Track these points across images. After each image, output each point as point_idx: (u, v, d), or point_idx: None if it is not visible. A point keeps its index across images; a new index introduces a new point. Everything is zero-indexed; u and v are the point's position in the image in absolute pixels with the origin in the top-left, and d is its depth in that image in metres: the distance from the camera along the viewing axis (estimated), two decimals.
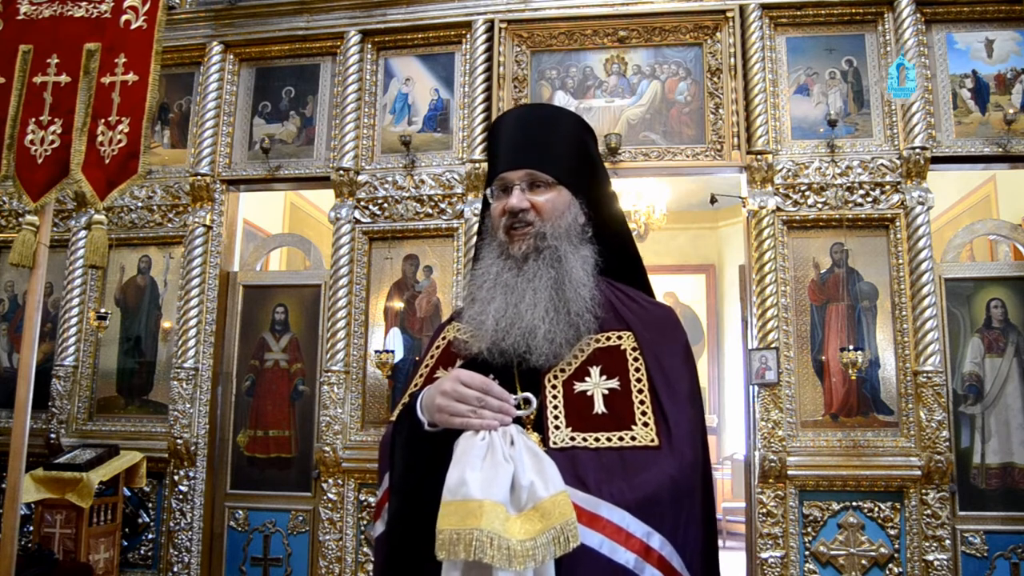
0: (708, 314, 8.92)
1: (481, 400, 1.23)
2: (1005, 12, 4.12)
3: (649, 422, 1.31)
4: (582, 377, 1.38)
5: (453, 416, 1.23)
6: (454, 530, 1.08)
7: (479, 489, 1.10)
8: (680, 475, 1.26)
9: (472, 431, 1.21)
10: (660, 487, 1.24)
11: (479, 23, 4.45)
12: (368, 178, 4.49)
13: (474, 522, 1.08)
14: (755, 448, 3.94)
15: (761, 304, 4.02)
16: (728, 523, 7.65)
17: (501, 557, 1.06)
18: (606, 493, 1.20)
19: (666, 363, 1.39)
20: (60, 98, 3.01)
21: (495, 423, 1.22)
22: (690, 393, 1.38)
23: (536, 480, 1.13)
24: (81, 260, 4.64)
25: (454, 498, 1.11)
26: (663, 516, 1.23)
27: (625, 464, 1.26)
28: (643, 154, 4.31)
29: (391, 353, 4.20)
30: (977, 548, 3.76)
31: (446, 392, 1.25)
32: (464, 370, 1.29)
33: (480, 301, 1.43)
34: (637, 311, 1.46)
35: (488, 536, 1.07)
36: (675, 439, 1.29)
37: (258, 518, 4.44)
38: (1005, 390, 3.89)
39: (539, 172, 1.43)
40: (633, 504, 1.20)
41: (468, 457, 1.16)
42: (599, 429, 1.31)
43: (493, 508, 1.09)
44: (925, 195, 3.97)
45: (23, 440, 2.82)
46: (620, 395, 1.35)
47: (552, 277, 1.39)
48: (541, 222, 1.42)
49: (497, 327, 1.37)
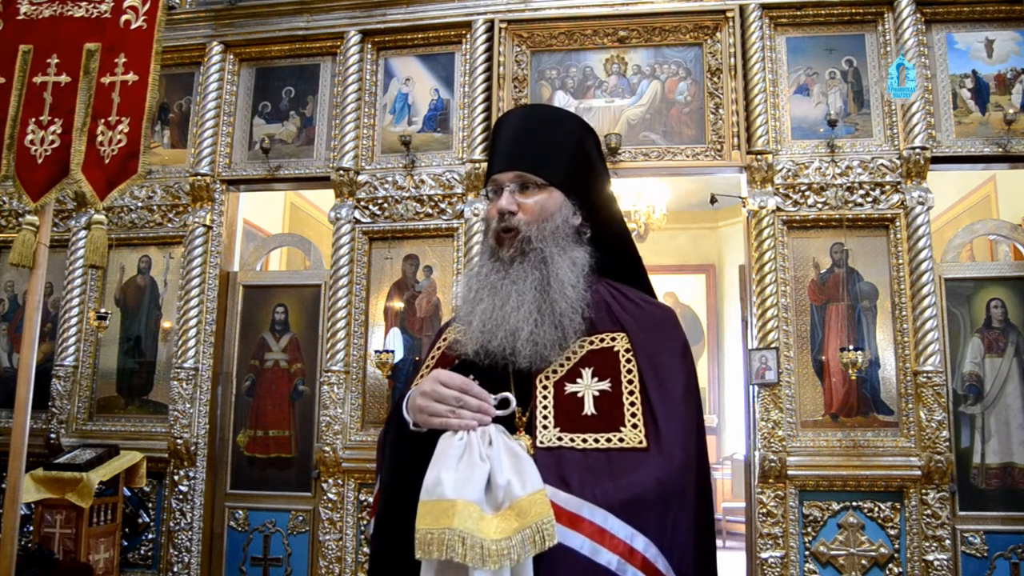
0: (708, 314, 8.92)
1: (460, 400, 1.23)
2: (1005, 12, 4.12)
3: (639, 424, 1.31)
4: (574, 379, 1.37)
5: (432, 416, 1.23)
6: (428, 529, 1.09)
7: (452, 489, 1.11)
8: (668, 477, 1.25)
9: (451, 431, 1.21)
10: (646, 489, 1.23)
11: (479, 23, 4.46)
12: (368, 178, 4.49)
13: (447, 521, 1.08)
14: (755, 448, 3.94)
15: (761, 304, 4.02)
16: (728, 523, 7.65)
17: (474, 556, 1.07)
18: (588, 494, 1.20)
19: (660, 364, 1.38)
20: (60, 98, 3.01)
21: (473, 423, 1.22)
22: (685, 393, 1.37)
23: (513, 479, 1.13)
24: (81, 260, 4.63)
25: (430, 498, 1.12)
26: (648, 518, 1.22)
27: (612, 465, 1.25)
28: (643, 154, 4.31)
29: (391, 353, 4.20)
30: (977, 548, 3.76)
31: (425, 392, 1.25)
32: (444, 370, 1.29)
33: (468, 302, 1.44)
34: (633, 311, 1.46)
35: (459, 535, 1.07)
36: (664, 441, 1.28)
37: (258, 518, 4.44)
38: (1005, 390, 3.90)
39: (529, 174, 1.43)
40: (617, 505, 1.20)
41: (445, 457, 1.16)
42: (587, 430, 1.30)
43: (466, 507, 1.09)
44: (925, 195, 3.97)
45: (23, 440, 2.82)
46: (611, 396, 1.34)
47: (537, 279, 1.39)
48: (527, 225, 1.41)
49: (484, 329, 1.38)
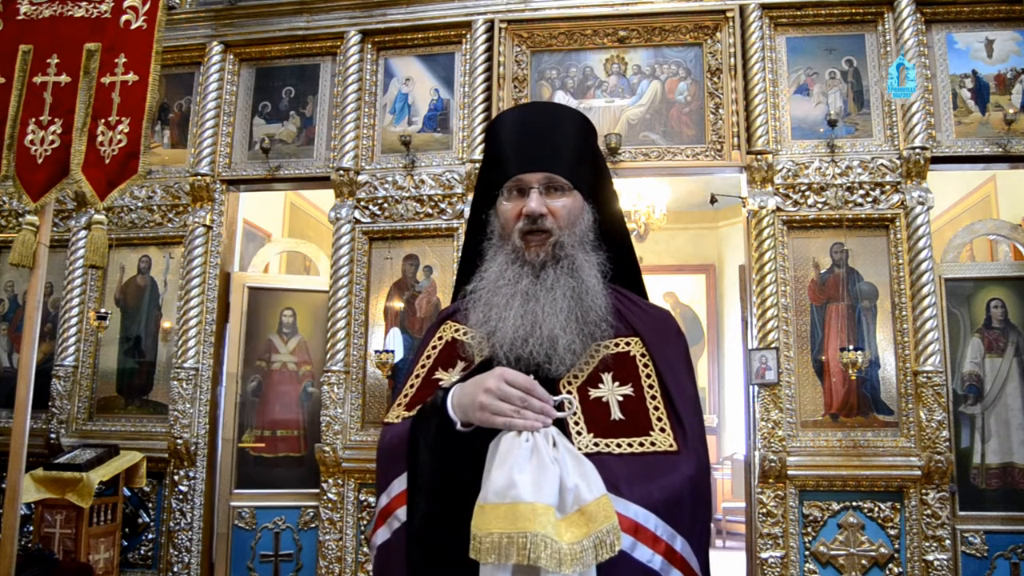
0: (708, 314, 8.91)
1: (524, 400, 1.19)
2: (1005, 12, 4.12)
3: (666, 427, 1.32)
4: (595, 384, 1.37)
5: (496, 415, 1.19)
6: (504, 533, 1.07)
7: (530, 492, 1.09)
8: (698, 476, 1.29)
9: (514, 432, 1.17)
10: (683, 489, 1.25)
11: (479, 23, 4.45)
12: (368, 178, 4.48)
13: (527, 525, 1.06)
14: (755, 448, 3.94)
15: (761, 304, 4.02)
16: (728, 523, 7.65)
17: (552, 561, 1.06)
18: (636, 496, 1.21)
19: (673, 367, 1.40)
20: (60, 98, 3.01)
21: (538, 424, 1.18)
22: (694, 396, 1.41)
23: (580, 483, 1.12)
24: (81, 260, 4.63)
25: (502, 501, 1.09)
26: (683, 517, 1.24)
27: (648, 468, 1.26)
28: (643, 154, 4.31)
29: (391, 353, 4.20)
30: (977, 548, 3.76)
31: (490, 390, 1.20)
32: (508, 369, 1.25)
33: (496, 307, 1.38)
34: (641, 316, 1.46)
35: (542, 539, 1.06)
36: (690, 442, 1.31)
37: (267, 516, 4.53)
38: (1005, 390, 3.89)
39: (557, 176, 1.40)
40: (661, 507, 1.22)
41: (513, 458, 1.13)
42: (619, 435, 1.31)
43: (545, 511, 1.07)
44: (925, 195, 3.97)
45: (23, 440, 2.82)
46: (634, 401, 1.35)
47: (571, 287, 1.37)
48: (559, 229, 1.39)
49: (516, 335, 1.34)
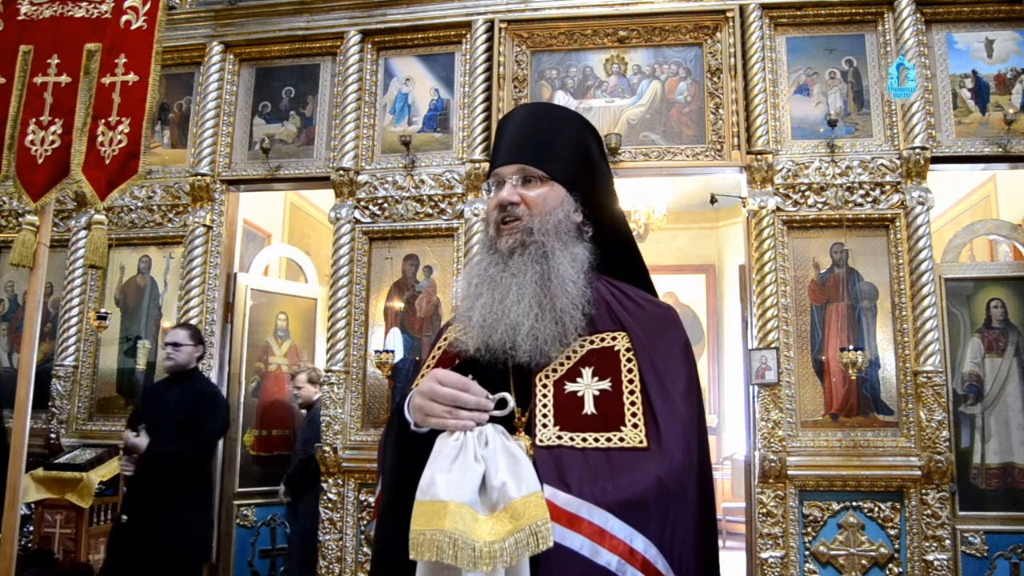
0: (708, 314, 8.92)
1: (456, 399, 1.21)
2: (1005, 12, 4.12)
3: (639, 423, 1.30)
4: (574, 378, 1.36)
5: (428, 416, 1.22)
6: (421, 530, 1.09)
7: (445, 490, 1.10)
8: (668, 477, 1.24)
9: (448, 432, 1.20)
10: (646, 489, 1.22)
11: (479, 23, 4.45)
12: (368, 178, 4.48)
13: (439, 523, 1.08)
14: (755, 448, 3.94)
15: (761, 304, 4.02)
16: (728, 523, 7.64)
17: (465, 558, 1.06)
18: (588, 494, 1.18)
19: (661, 363, 1.37)
20: (60, 98, 3.01)
21: (470, 423, 1.19)
22: (686, 392, 1.36)
23: (508, 480, 1.12)
24: (81, 260, 4.64)
25: (424, 498, 1.11)
26: (648, 518, 1.21)
27: (612, 465, 1.24)
28: (643, 154, 4.31)
29: (391, 353, 4.20)
30: (977, 548, 3.76)
31: (423, 392, 1.23)
32: (442, 370, 1.27)
33: (469, 297, 1.42)
34: (633, 310, 1.45)
35: (450, 537, 1.06)
36: (665, 441, 1.27)
37: (263, 513, 4.59)
38: (1005, 390, 3.89)
39: (531, 167, 1.43)
40: (615, 505, 1.18)
41: (440, 458, 1.15)
42: (587, 429, 1.29)
43: (458, 509, 1.09)
44: (925, 195, 3.97)
45: (23, 440, 2.81)
46: (611, 396, 1.33)
47: (537, 272, 1.37)
48: (530, 216, 1.41)
49: (484, 323, 1.36)
